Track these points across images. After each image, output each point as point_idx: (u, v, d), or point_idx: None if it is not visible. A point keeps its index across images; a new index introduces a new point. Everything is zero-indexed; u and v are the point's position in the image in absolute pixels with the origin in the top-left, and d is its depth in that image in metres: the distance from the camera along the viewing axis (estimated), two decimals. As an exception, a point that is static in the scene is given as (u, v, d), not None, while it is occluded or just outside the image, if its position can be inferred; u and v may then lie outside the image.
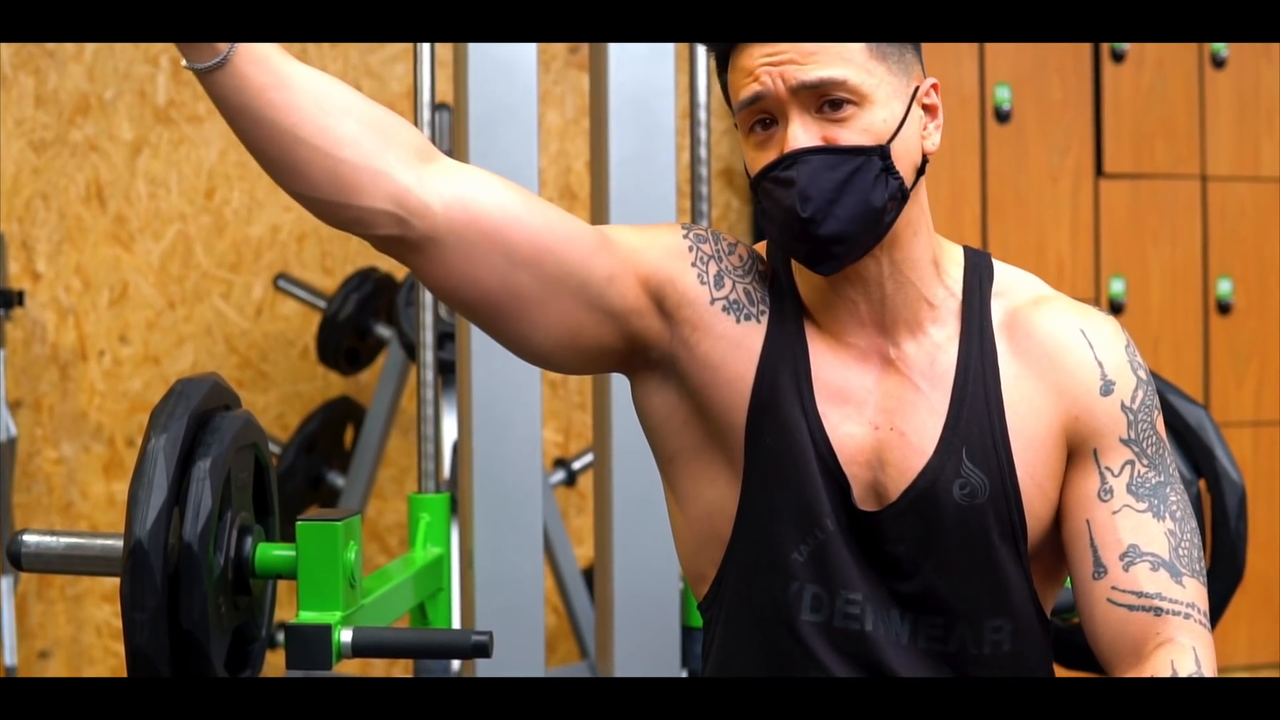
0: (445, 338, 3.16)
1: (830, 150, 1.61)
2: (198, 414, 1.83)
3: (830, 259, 1.63)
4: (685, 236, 1.73)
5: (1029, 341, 1.69)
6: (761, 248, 1.79)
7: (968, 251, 1.75)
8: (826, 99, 1.61)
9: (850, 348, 1.70)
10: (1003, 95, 4.09)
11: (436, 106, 3.04)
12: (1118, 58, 4.16)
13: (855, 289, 1.68)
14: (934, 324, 1.69)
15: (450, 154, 3.26)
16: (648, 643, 2.55)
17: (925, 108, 1.69)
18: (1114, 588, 1.63)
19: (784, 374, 1.68)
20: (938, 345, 1.69)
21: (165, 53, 4.01)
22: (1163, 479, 1.67)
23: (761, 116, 1.64)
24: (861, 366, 1.69)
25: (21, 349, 3.93)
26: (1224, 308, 4.22)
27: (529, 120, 2.58)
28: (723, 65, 1.70)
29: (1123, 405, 1.68)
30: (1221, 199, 4.24)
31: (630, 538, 2.54)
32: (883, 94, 1.63)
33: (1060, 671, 1.96)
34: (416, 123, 2.53)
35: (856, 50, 1.62)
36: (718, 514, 1.74)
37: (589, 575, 3.52)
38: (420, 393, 2.50)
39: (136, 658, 1.77)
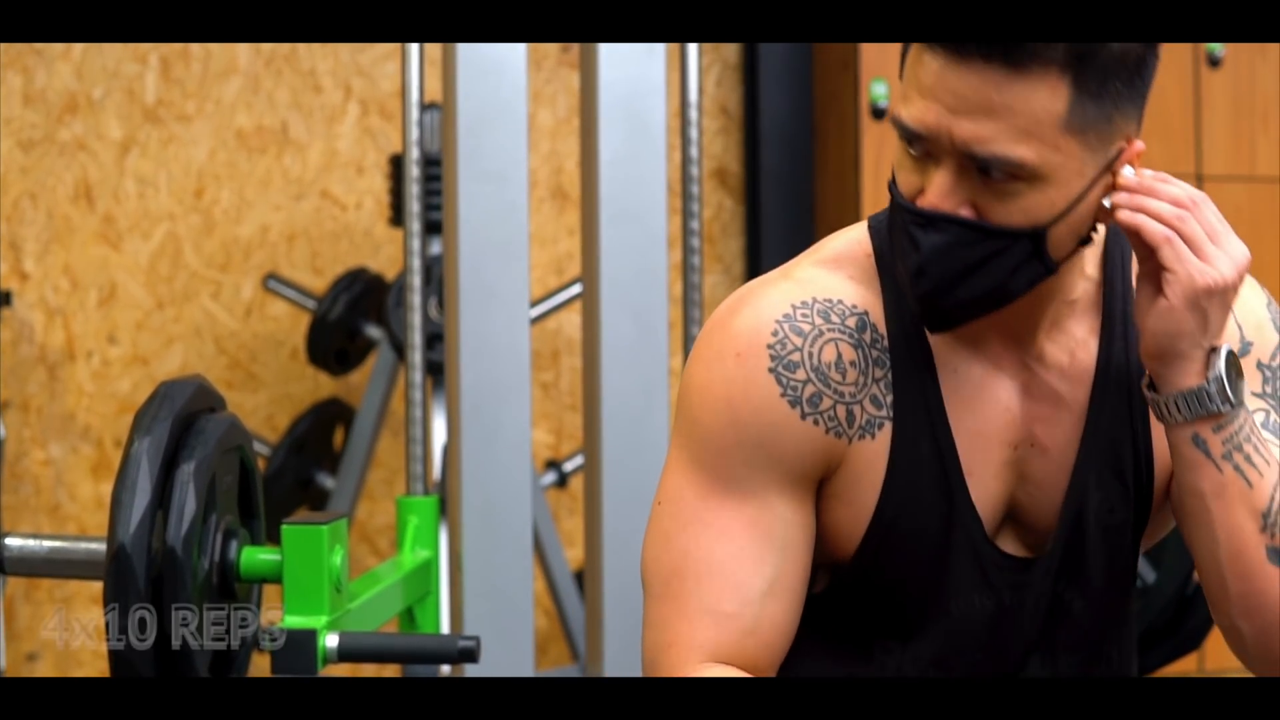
0: (434, 338, 3.15)
1: (971, 226, 1.39)
2: (182, 416, 1.81)
3: (944, 326, 1.46)
4: (783, 395, 1.48)
5: None
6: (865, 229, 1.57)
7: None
8: (990, 167, 1.38)
9: (984, 356, 1.50)
10: (996, 95, 4.07)
11: (426, 106, 3.03)
12: (1112, 57, 4.15)
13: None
14: (1072, 318, 1.51)
15: (440, 154, 3.25)
16: (638, 645, 2.53)
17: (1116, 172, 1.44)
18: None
19: (922, 442, 1.49)
20: (1077, 341, 1.51)
21: (154, 51, 3.99)
22: None
23: (921, 154, 1.42)
24: (997, 375, 1.51)
25: (9, 349, 3.91)
26: (1218, 308, 4.21)
27: (519, 119, 2.56)
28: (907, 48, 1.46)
29: (1259, 364, 1.51)
30: (1217, 199, 4.16)
31: (621, 540, 2.52)
32: (1066, 173, 1.39)
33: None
34: (405, 123, 2.51)
35: (1050, 124, 1.36)
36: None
37: (581, 577, 3.50)
38: (409, 394, 2.48)
39: (119, 663, 1.75)
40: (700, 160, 2.67)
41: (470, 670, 2.41)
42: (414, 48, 2.49)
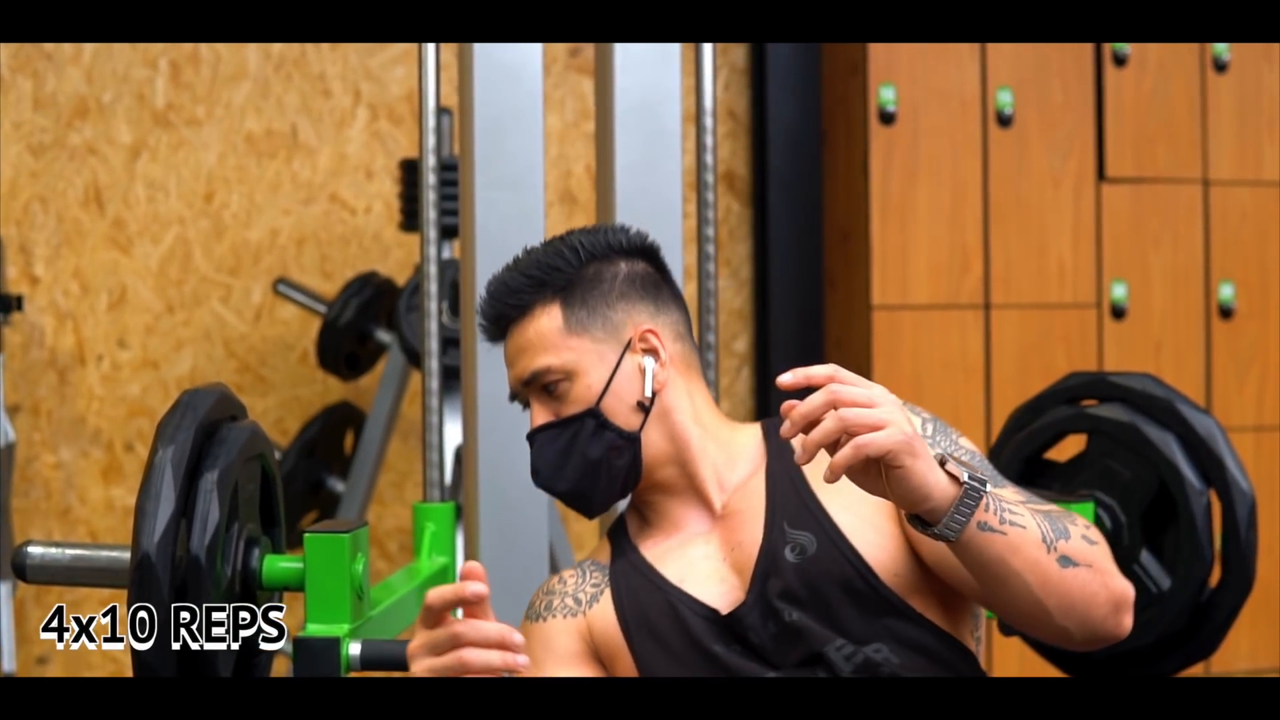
0: (449, 343, 3.15)
1: (550, 425, 1.94)
2: (204, 425, 1.81)
3: (584, 506, 1.97)
4: (532, 621, 2.01)
5: None
6: None
7: (765, 421, 2.03)
8: (544, 384, 1.94)
9: (683, 526, 1.96)
10: (1004, 99, 4.08)
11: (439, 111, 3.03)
12: (1119, 61, 4.15)
13: (663, 493, 1.97)
14: (732, 468, 1.96)
15: (450, 158, 3.25)
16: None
17: (646, 351, 1.95)
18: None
19: (642, 594, 1.92)
20: (745, 474, 1.96)
21: (164, 55, 3.99)
22: (989, 475, 1.81)
23: (525, 402, 1.97)
24: (693, 529, 1.95)
25: (20, 353, 3.91)
26: (1226, 312, 4.21)
27: (534, 124, 2.57)
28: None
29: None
30: (1223, 203, 4.23)
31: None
32: (586, 363, 1.93)
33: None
34: (421, 127, 2.51)
35: (555, 335, 1.94)
36: None
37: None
38: (425, 400, 2.47)
39: (143, 671, 1.75)
40: (714, 165, 2.67)
41: (486, 676, 2.41)
42: (430, 51, 2.49)
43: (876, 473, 1.60)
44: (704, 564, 1.92)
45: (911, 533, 1.82)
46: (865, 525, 1.85)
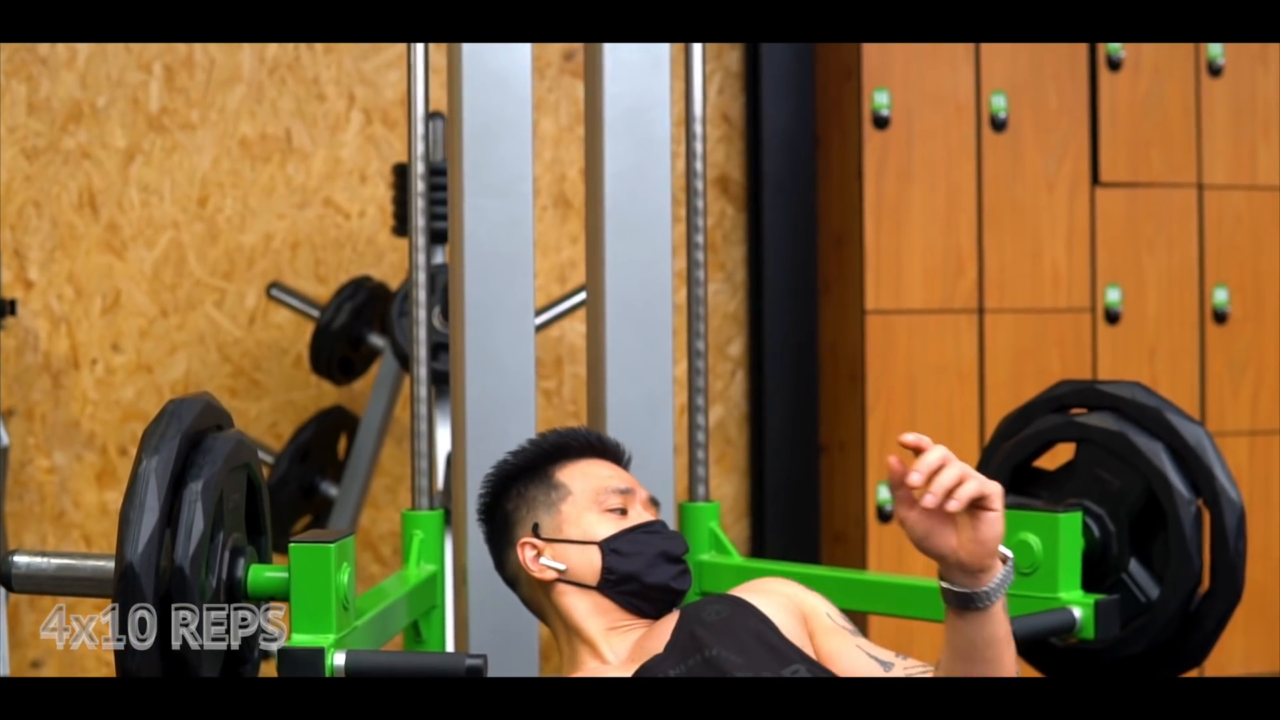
0: (438, 348, 3.14)
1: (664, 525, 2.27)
2: (189, 434, 1.82)
3: (687, 581, 2.19)
4: None
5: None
6: None
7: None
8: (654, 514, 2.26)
9: (626, 657, 2.15)
10: (999, 103, 4.08)
11: (430, 115, 3.03)
12: (1114, 65, 4.15)
13: (632, 628, 2.15)
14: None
15: (444, 163, 3.24)
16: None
17: None
18: (905, 667, 2.03)
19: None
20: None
21: (158, 59, 3.99)
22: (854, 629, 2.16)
23: (622, 505, 2.20)
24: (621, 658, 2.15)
25: (14, 357, 3.91)
26: (1220, 317, 4.21)
27: (524, 129, 2.56)
28: (541, 467, 2.23)
29: (827, 614, 2.14)
30: (1218, 207, 4.23)
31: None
32: None
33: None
34: (410, 132, 2.51)
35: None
36: None
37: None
38: (414, 408, 2.47)
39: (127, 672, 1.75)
40: (704, 170, 2.67)
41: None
42: (419, 56, 2.48)
43: (953, 528, 1.82)
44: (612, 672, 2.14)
45: (819, 652, 2.09)
46: (775, 612, 2.11)
